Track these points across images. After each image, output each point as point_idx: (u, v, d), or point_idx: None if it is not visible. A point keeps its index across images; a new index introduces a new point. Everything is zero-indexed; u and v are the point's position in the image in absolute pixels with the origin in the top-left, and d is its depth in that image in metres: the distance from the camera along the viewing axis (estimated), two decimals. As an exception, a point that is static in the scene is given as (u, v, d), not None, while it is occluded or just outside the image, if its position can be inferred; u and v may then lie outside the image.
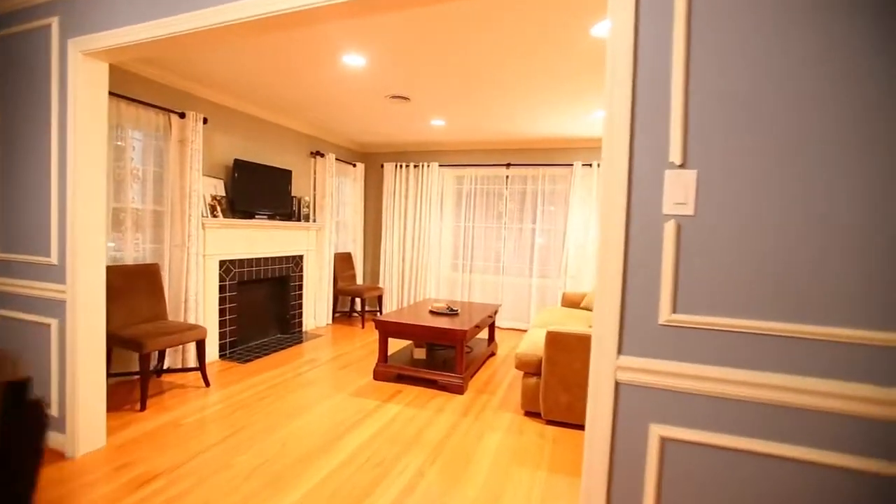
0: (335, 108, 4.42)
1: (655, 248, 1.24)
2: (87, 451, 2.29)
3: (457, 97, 3.90)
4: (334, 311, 5.80)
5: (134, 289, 3.21)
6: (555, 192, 5.69)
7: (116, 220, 3.21)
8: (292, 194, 4.99)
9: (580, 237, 5.48)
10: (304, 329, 5.19)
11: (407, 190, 6.19)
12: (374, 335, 5.18)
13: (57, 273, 2.25)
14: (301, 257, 5.08)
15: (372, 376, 3.68)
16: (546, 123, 4.72)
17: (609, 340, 1.29)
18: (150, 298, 3.30)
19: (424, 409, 3.09)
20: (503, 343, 5.06)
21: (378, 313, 6.23)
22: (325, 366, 3.94)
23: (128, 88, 3.29)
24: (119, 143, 3.21)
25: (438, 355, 3.90)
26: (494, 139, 5.63)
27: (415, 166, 6.15)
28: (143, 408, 2.83)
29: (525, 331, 5.76)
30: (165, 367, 3.57)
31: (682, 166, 1.21)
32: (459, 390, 3.38)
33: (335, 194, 5.84)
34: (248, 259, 4.29)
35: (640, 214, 1.25)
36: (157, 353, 3.45)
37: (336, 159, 5.77)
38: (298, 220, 5.05)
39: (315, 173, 5.46)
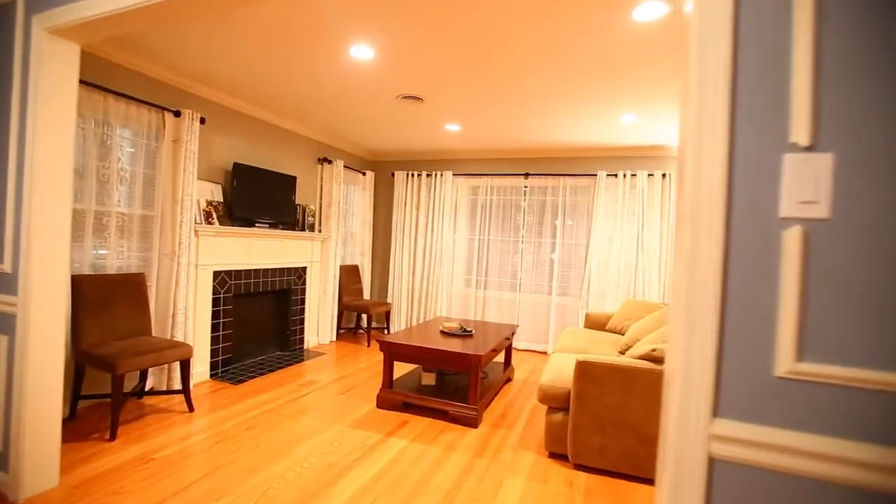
0: (343, 110, 4.13)
1: (769, 266, 0.86)
2: (34, 494, 1.95)
3: (474, 98, 3.59)
4: (339, 328, 5.46)
5: (114, 301, 2.90)
6: (576, 204, 5.31)
7: (99, 225, 2.92)
8: (296, 202, 4.70)
9: (604, 253, 5.08)
10: (305, 346, 4.84)
11: (419, 200, 5.87)
12: (380, 355, 4.81)
13: (8, 283, 1.94)
14: (304, 269, 4.76)
15: (375, 403, 3.30)
16: (569, 129, 4.37)
17: (698, 396, 0.90)
18: (132, 312, 2.99)
19: (433, 445, 2.70)
20: (520, 367, 4.65)
21: (385, 330, 5.86)
22: (325, 389, 3.57)
23: (117, 82, 3.03)
24: (106, 141, 2.94)
25: (449, 381, 3.50)
26: (512, 147, 5.30)
27: (427, 175, 5.83)
28: (112, 437, 2.49)
29: (543, 353, 5.33)
30: (148, 387, 3.24)
31: (810, 149, 0.84)
32: (473, 423, 2.98)
33: (342, 203, 5.55)
34: (246, 270, 3.98)
35: (744, 220, 0.88)
36: (139, 372, 3.12)
37: (344, 167, 5.49)
38: (302, 229, 4.75)
39: (322, 181, 5.17)
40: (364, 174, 5.93)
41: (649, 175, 4.90)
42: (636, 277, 4.89)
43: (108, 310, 2.85)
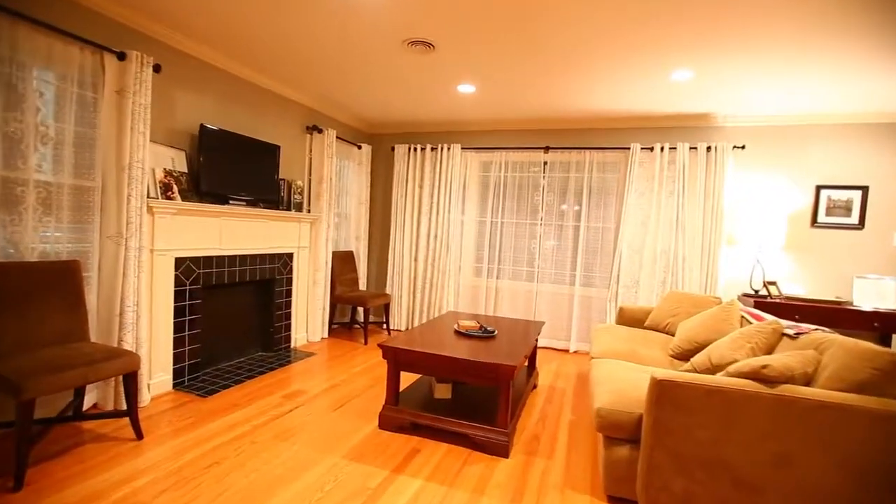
0: (339, 62, 3.40)
1: None
2: None
3: (496, 48, 2.87)
4: (331, 322, 4.79)
5: (35, 297, 2.20)
6: (604, 181, 4.64)
7: (9, 197, 2.20)
8: (280, 176, 3.98)
9: (637, 238, 4.42)
10: (292, 345, 4.17)
11: (422, 177, 5.16)
12: (379, 353, 4.15)
13: None
14: (290, 256, 4.06)
15: (377, 423, 2.65)
16: (603, 93, 3.67)
17: None
18: (61, 311, 2.29)
19: (456, 486, 2.06)
20: (542, 368, 4.02)
21: (384, 325, 5.20)
22: (315, 403, 2.92)
23: (37, 8, 2.29)
24: (16, 85, 2.21)
25: (468, 394, 2.86)
26: (531, 116, 4.59)
27: (432, 149, 5.12)
28: (18, 486, 1.82)
29: (565, 351, 4.71)
30: (90, 405, 2.57)
31: None
32: (503, 451, 2.34)
33: (335, 180, 4.83)
34: (219, 257, 3.28)
35: None
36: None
37: (337, 138, 4.76)
38: (288, 208, 4.04)
39: (311, 152, 4.44)
40: (360, 147, 5.20)
41: (692, 148, 4.23)
42: (674, 266, 4.25)
43: (26, 309, 2.16)
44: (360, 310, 5.24)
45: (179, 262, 2.97)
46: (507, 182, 4.96)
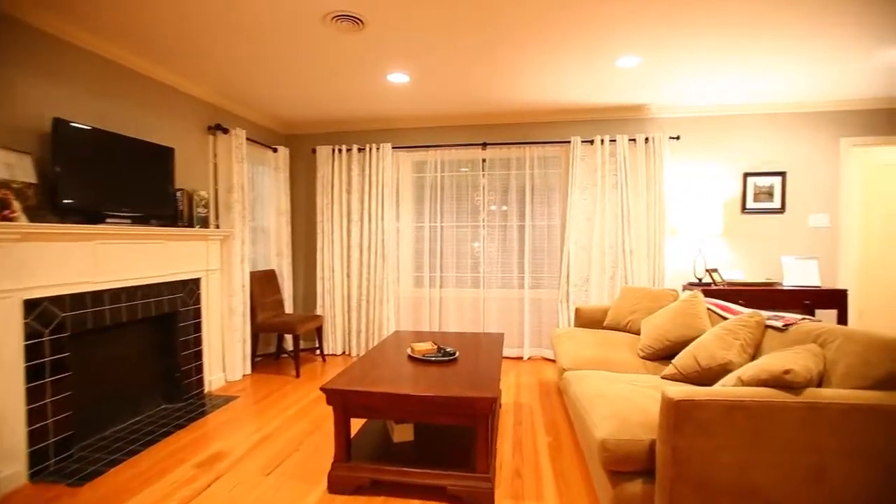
0: (244, 46, 2.80)
1: None
2: None
3: (433, 27, 2.49)
4: (255, 355, 4.08)
5: None
6: (547, 177, 4.45)
7: None
8: (176, 186, 3.25)
9: (584, 235, 4.28)
10: (206, 390, 3.43)
11: (350, 181, 4.63)
12: (316, 386, 3.56)
13: None
14: (197, 282, 3.34)
15: (326, 485, 2.12)
16: (543, 82, 3.45)
17: None
18: None
19: (438, 562, 1.61)
20: (500, 381, 3.69)
21: (318, 351, 4.58)
22: (241, 467, 2.30)
23: None
24: None
25: (435, 431, 2.42)
26: (467, 110, 4.28)
27: (360, 149, 4.61)
28: None
29: (518, 359, 4.43)
30: None
31: None
32: (487, 501, 1.94)
33: (248, 189, 4.14)
34: (94, 293, 2.52)
35: None
36: None
37: (248, 139, 4.08)
38: (190, 224, 3.32)
39: (216, 157, 3.73)
40: (275, 150, 4.54)
41: (630, 140, 4.17)
42: (622, 261, 4.16)
43: None
44: (289, 337, 4.57)
45: (32, 305, 2.19)
46: (444, 183, 4.60)
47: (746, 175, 4.14)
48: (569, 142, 4.26)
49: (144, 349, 3.02)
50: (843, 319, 3.78)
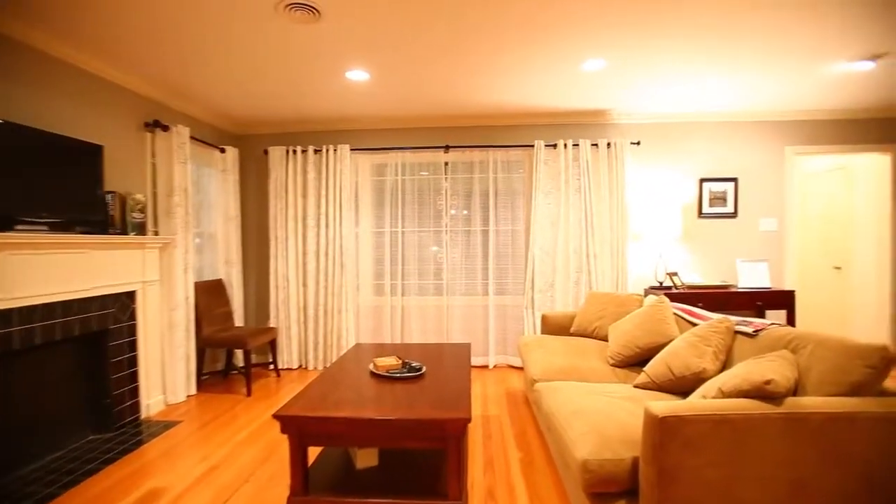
0: (188, 35, 2.53)
1: None
2: None
3: (395, 18, 2.34)
4: (200, 373, 3.74)
5: None
6: (511, 181, 4.39)
7: None
8: (106, 189, 2.91)
9: (548, 240, 4.24)
10: (143, 416, 3.09)
11: (305, 185, 4.37)
12: (269, 403, 3.29)
13: None
14: (131, 295, 3.00)
15: (280, 522, 1.90)
16: (507, 84, 3.38)
17: None
18: None
19: None
20: (468, 394, 3.55)
21: (271, 365, 4.28)
22: (180, 506, 2.03)
23: None
24: None
25: (403, 457, 2.25)
26: (429, 112, 4.15)
27: (316, 151, 4.37)
28: None
29: (484, 367, 4.33)
30: None
31: None
32: (460, 530, 1.79)
33: (192, 192, 3.81)
34: (3, 311, 2.17)
35: None
36: None
37: (192, 138, 3.75)
38: (123, 231, 2.98)
39: (154, 156, 3.39)
40: (223, 151, 4.21)
41: (593, 145, 4.18)
42: (587, 265, 4.15)
43: None
44: (240, 352, 4.24)
45: (-81, 327, 1.84)
46: (405, 186, 4.43)
47: (702, 181, 4.25)
48: (532, 146, 4.22)
49: (68, 373, 2.65)
50: (791, 319, 3.94)
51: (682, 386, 2.10)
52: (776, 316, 4.21)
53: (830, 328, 4.77)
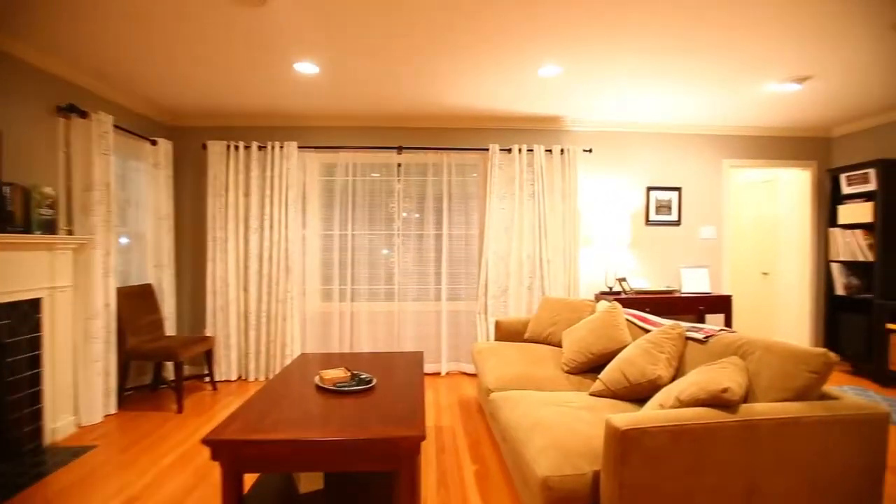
0: (115, 12, 2.24)
1: None
2: None
3: (347, 9, 2.20)
4: (122, 390, 3.35)
5: None
6: (465, 185, 4.33)
7: None
8: (4, 180, 2.53)
9: (502, 245, 4.21)
10: (47, 442, 2.70)
11: (248, 183, 4.09)
12: (203, 420, 2.99)
13: None
14: (36, 303, 2.62)
15: (208, 560, 1.68)
16: (465, 85, 3.31)
17: None
18: None
19: None
20: (420, 403, 3.43)
21: (207, 378, 3.95)
22: (88, 548, 1.76)
23: None
24: None
25: (351, 477, 2.08)
26: (383, 111, 4.01)
27: (260, 147, 4.09)
28: None
29: (436, 374, 4.22)
30: None
31: None
32: (412, 557, 1.67)
33: (117, 188, 3.44)
34: None
35: None
36: None
37: (118, 128, 3.37)
38: (26, 229, 2.60)
39: (68, 146, 3.01)
40: (154, 143, 3.84)
41: (547, 150, 4.21)
42: (540, 271, 4.16)
43: None
44: (171, 364, 3.87)
45: None
46: (356, 187, 4.25)
47: (649, 189, 4.39)
48: (487, 149, 4.19)
49: (-49, 395, 2.26)
50: (728, 322, 4.14)
51: (638, 393, 2.10)
52: (715, 319, 4.42)
53: (760, 330, 5.09)
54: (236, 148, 4.05)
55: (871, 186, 3.91)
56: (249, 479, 2.21)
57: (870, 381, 3.89)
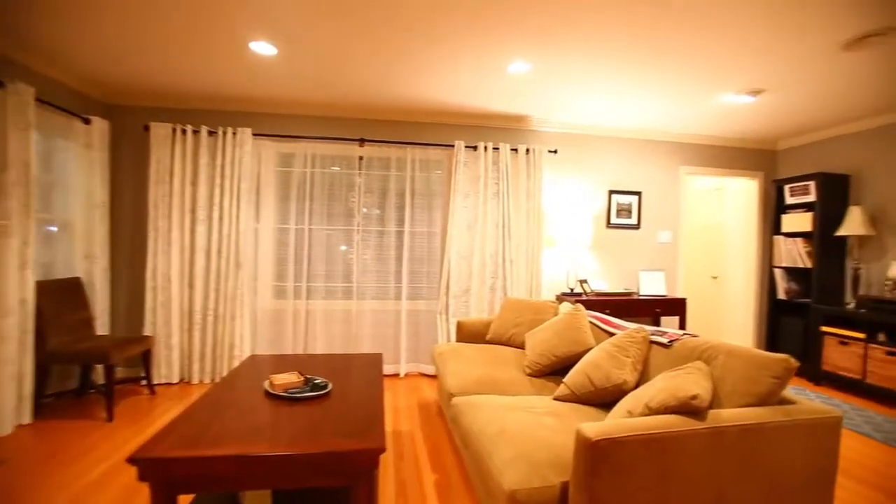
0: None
1: None
2: None
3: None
4: (40, 396, 3.00)
5: None
6: (429, 181, 4.21)
7: None
8: None
9: (465, 244, 4.13)
10: (-53, 456, 2.35)
11: (196, 170, 3.79)
12: (137, 429, 2.72)
13: None
14: (-66, 298, 2.27)
15: None
16: (432, 77, 3.20)
17: None
18: None
19: None
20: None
21: (144, 381, 3.62)
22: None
23: None
24: None
25: (300, 492, 1.92)
26: (345, 101, 3.82)
27: (211, 132, 3.80)
28: None
29: (395, 376, 4.08)
30: None
31: None
32: (367, 579, 1.54)
33: (39, 169, 3.07)
34: None
35: None
36: None
37: (41, 101, 3.00)
38: (-78, 213, 2.25)
39: (-21, 119, 2.65)
40: (87, 122, 3.47)
41: (512, 150, 4.17)
42: (502, 271, 4.11)
43: None
44: (101, 367, 3.51)
45: None
46: (314, 180, 4.04)
47: (611, 192, 4.45)
48: (452, 146, 4.09)
49: None
50: (683, 324, 4.27)
51: (603, 397, 2.06)
52: (671, 322, 4.54)
53: (709, 331, 5.30)
54: (184, 132, 3.73)
55: (812, 197, 4.13)
56: (187, 496, 2.01)
57: (805, 379, 4.12)
